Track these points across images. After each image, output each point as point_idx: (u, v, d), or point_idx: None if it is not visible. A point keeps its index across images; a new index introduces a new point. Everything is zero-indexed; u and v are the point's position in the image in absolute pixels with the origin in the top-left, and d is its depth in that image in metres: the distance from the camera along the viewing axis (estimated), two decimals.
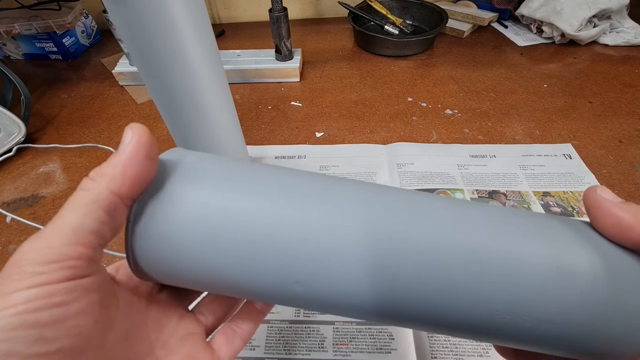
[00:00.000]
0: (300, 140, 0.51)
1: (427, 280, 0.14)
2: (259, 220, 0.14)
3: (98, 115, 0.58)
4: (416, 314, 0.15)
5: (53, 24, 0.67)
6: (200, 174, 0.15)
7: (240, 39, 0.78)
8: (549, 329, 0.14)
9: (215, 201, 0.14)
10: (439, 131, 0.52)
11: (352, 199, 0.15)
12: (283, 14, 0.57)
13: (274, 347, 0.31)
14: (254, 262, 0.14)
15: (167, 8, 0.25)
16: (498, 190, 0.42)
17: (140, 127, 0.14)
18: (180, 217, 0.14)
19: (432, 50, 0.71)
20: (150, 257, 0.14)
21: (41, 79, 0.68)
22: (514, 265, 0.14)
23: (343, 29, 0.80)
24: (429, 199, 0.16)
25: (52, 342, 0.11)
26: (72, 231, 0.12)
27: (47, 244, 0.12)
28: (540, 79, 0.61)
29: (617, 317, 0.13)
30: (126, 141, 0.14)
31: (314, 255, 0.14)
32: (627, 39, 0.67)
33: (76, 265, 0.12)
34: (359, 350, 0.31)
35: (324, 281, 0.14)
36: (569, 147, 0.48)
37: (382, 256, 0.14)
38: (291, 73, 0.63)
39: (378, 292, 0.14)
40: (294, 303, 0.16)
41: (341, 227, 0.14)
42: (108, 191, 0.13)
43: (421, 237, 0.14)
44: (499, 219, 0.15)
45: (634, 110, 0.53)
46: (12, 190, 0.46)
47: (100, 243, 0.13)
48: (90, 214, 0.13)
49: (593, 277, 0.13)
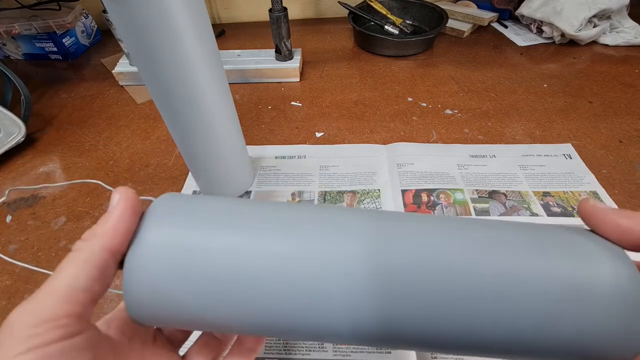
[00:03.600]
0: (300, 140, 0.51)
1: (428, 306, 0.14)
2: (234, 257, 0.14)
3: (98, 115, 0.58)
4: (419, 339, 0.14)
5: (53, 24, 0.67)
6: (164, 215, 0.15)
7: (240, 39, 0.78)
8: (560, 345, 0.14)
9: (176, 238, 0.15)
10: (439, 131, 0.52)
11: (347, 227, 0.15)
12: (283, 14, 0.57)
13: (274, 347, 0.31)
14: (232, 297, 0.14)
15: (167, 8, 0.25)
16: (498, 190, 0.42)
17: (127, 189, 0.15)
18: (147, 259, 0.14)
19: (432, 50, 0.71)
20: (136, 303, 0.15)
21: (41, 79, 0.68)
22: (522, 288, 0.14)
23: (343, 29, 0.80)
24: (422, 220, 0.16)
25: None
26: (65, 291, 0.13)
27: (39, 305, 0.12)
28: (540, 79, 0.61)
29: (619, 322, 0.13)
30: (114, 202, 0.15)
31: (297, 287, 0.14)
32: (627, 39, 0.67)
33: (68, 324, 0.12)
34: (359, 350, 0.31)
35: (312, 313, 0.14)
36: (569, 147, 0.48)
37: (385, 286, 0.14)
38: (291, 73, 0.63)
39: (384, 323, 0.14)
40: (286, 336, 0.15)
41: (331, 259, 0.14)
42: (100, 248, 0.14)
43: (421, 261, 0.14)
44: (501, 237, 0.15)
45: (634, 110, 0.53)
46: (12, 190, 0.46)
47: (91, 300, 0.14)
48: (83, 273, 0.13)
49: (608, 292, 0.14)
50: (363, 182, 0.44)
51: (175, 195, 0.17)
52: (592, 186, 0.42)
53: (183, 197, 0.16)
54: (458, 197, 0.42)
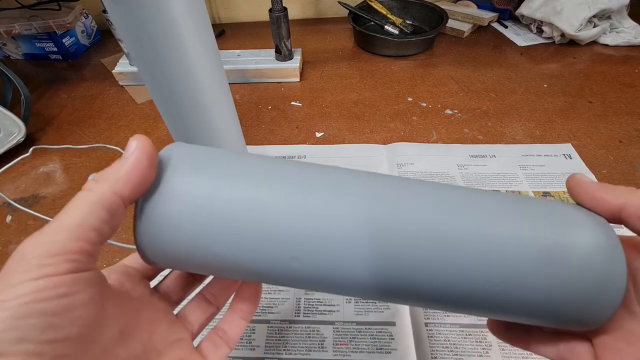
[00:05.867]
0: (300, 140, 0.51)
1: (423, 257, 0.15)
2: (250, 203, 0.15)
3: (98, 115, 0.58)
4: (412, 289, 0.15)
5: (53, 24, 0.67)
6: (189, 164, 0.16)
7: (240, 39, 0.78)
8: (537, 299, 0.15)
9: (204, 187, 0.15)
10: (439, 131, 0.52)
11: (348, 182, 0.16)
12: (283, 14, 0.57)
13: (274, 347, 0.31)
14: (247, 240, 0.15)
15: (167, 8, 0.25)
16: (498, 190, 0.42)
17: (144, 137, 0.15)
18: (173, 205, 0.15)
19: (432, 50, 0.71)
20: (152, 244, 0.16)
21: (41, 79, 0.68)
22: (504, 243, 0.15)
23: (343, 29, 0.80)
24: (424, 184, 0.17)
25: (60, 329, 0.12)
26: (76, 227, 0.13)
27: (51, 238, 0.13)
28: (540, 79, 0.61)
29: (591, 285, 0.15)
30: (131, 148, 0.15)
31: (308, 231, 0.15)
32: (627, 39, 0.67)
33: (78, 259, 0.13)
34: (359, 350, 0.31)
35: (321, 257, 0.15)
36: (569, 147, 0.48)
37: (379, 235, 0.15)
38: (291, 73, 0.63)
39: (375, 269, 0.15)
40: (292, 280, 0.16)
41: (336, 208, 0.15)
42: (111, 192, 0.14)
43: (418, 216, 0.15)
44: (491, 204, 0.16)
45: (634, 110, 0.53)
46: (12, 190, 0.46)
47: (100, 240, 0.14)
48: (93, 213, 0.13)
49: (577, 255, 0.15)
50: None
51: (186, 145, 0.17)
52: None
53: (196, 147, 0.17)
54: None
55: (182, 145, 0.17)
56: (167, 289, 0.20)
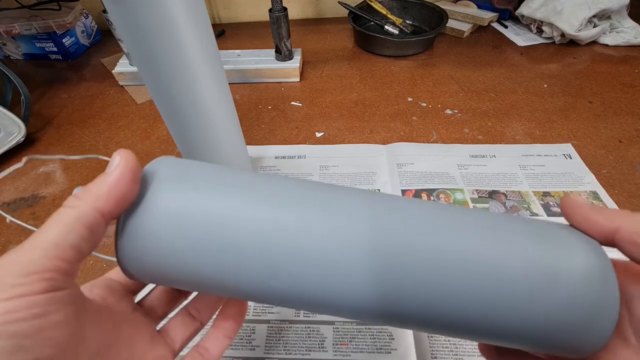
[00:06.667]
0: (300, 140, 0.51)
1: (423, 283, 0.14)
2: (232, 220, 0.15)
3: (98, 115, 0.58)
4: (411, 315, 0.15)
5: (53, 24, 0.67)
6: (174, 180, 0.16)
7: (240, 39, 0.78)
8: (529, 324, 0.14)
9: (187, 203, 0.15)
10: (439, 131, 0.52)
11: (332, 200, 0.16)
12: (283, 14, 0.57)
13: (274, 347, 0.31)
14: (228, 258, 0.15)
15: (167, 8, 0.25)
16: (498, 190, 0.42)
17: (128, 152, 0.15)
18: (154, 221, 0.15)
19: (432, 50, 0.71)
20: (134, 259, 0.15)
21: (41, 79, 0.68)
22: (495, 267, 0.15)
23: (343, 29, 0.80)
24: (405, 202, 0.17)
25: (30, 351, 0.11)
26: (53, 245, 0.13)
27: (27, 256, 0.12)
28: (540, 79, 0.61)
29: (584, 311, 0.14)
30: (114, 164, 0.15)
31: (289, 250, 0.15)
32: (627, 39, 0.67)
33: (54, 277, 0.12)
34: (359, 350, 0.31)
35: (302, 277, 0.15)
36: (569, 147, 0.48)
37: (364, 258, 0.15)
38: (291, 73, 0.63)
39: (361, 291, 0.15)
40: (273, 299, 0.16)
41: (319, 227, 0.15)
42: (92, 209, 0.14)
43: (416, 240, 0.15)
44: (489, 227, 0.16)
45: (634, 110, 0.53)
46: (12, 190, 0.46)
47: (78, 258, 0.14)
48: (72, 230, 0.13)
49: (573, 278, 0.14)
50: (363, 182, 0.44)
51: (173, 159, 0.17)
52: (592, 186, 0.42)
53: (182, 162, 0.17)
54: (458, 197, 0.42)
55: (169, 159, 0.17)
56: (152, 303, 0.20)
